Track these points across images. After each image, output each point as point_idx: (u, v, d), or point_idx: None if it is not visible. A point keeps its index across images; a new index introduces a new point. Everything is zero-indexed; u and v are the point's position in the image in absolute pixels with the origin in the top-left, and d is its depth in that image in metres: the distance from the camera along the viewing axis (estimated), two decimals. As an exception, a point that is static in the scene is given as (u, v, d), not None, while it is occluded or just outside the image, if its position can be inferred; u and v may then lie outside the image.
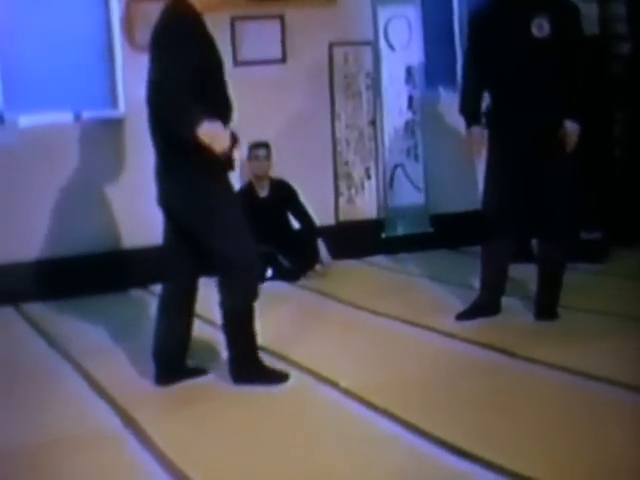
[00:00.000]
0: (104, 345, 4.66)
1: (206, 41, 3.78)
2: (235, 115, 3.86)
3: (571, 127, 4.52)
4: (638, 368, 3.82)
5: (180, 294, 3.92)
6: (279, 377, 3.92)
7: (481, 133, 4.73)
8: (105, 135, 6.05)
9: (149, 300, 5.58)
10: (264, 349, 4.39)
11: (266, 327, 4.79)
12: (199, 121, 3.50)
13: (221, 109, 3.76)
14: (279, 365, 4.13)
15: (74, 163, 5.98)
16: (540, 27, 4.47)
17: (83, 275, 5.90)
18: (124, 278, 5.98)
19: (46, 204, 5.91)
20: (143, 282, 5.90)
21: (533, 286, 4.83)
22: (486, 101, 4.77)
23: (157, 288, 5.58)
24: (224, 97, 3.81)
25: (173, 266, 3.93)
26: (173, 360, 3.97)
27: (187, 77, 3.53)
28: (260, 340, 4.50)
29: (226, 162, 3.74)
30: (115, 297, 5.81)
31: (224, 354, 4.01)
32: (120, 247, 6.08)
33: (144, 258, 5.86)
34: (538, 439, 3.16)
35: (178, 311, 3.93)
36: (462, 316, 4.78)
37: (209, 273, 3.96)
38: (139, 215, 6.00)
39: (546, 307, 4.70)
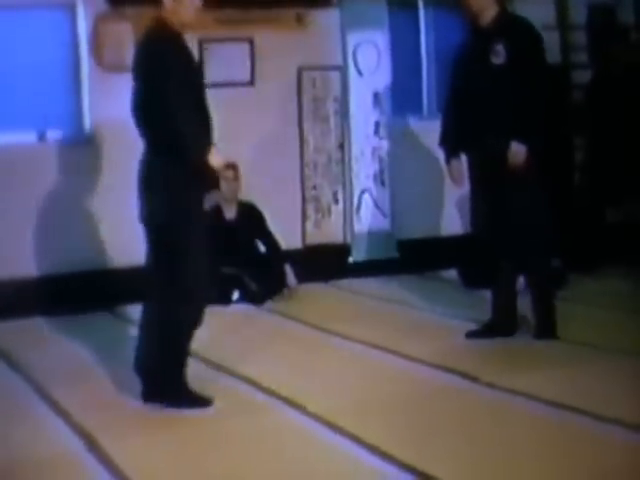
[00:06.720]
0: (69, 366, 4.60)
1: (189, 60, 3.85)
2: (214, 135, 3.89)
3: (516, 147, 4.53)
4: (600, 396, 3.84)
5: None
6: (200, 402, 3.86)
7: (459, 165, 4.82)
8: (70, 155, 5.99)
9: (120, 322, 5.54)
10: (230, 371, 4.38)
11: (231, 349, 4.79)
12: (209, 148, 3.74)
13: (203, 127, 3.80)
14: (243, 387, 4.12)
15: (38, 183, 5.90)
16: (497, 54, 4.56)
17: (51, 295, 5.81)
18: (94, 299, 5.87)
19: (9, 225, 5.81)
20: (115, 303, 5.83)
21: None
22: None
23: (129, 309, 5.62)
24: (206, 115, 3.84)
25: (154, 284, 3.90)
26: (155, 376, 3.91)
27: (187, 98, 3.68)
28: (225, 362, 4.48)
29: (213, 182, 3.93)
30: (83, 318, 5.68)
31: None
32: (88, 268, 5.98)
33: (113, 279, 5.83)
34: (501, 465, 3.17)
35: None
36: (472, 334, 4.83)
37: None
38: (106, 236, 5.97)
39: (545, 327, 4.75)
